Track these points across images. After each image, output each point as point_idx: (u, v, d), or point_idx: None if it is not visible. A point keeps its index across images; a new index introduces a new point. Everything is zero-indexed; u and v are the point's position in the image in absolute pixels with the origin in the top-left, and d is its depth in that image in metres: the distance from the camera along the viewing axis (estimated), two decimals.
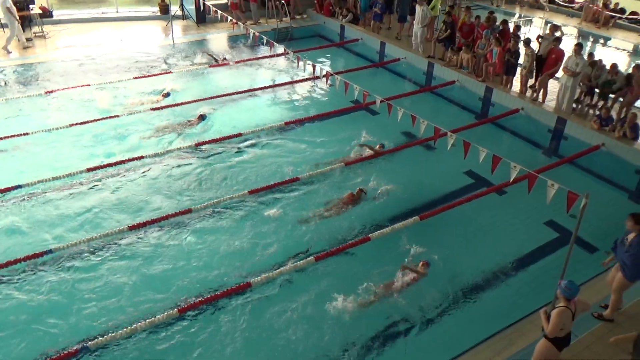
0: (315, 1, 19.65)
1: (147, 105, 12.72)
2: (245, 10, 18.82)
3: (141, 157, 10.52)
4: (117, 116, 12.04)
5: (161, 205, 9.33)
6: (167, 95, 13.42)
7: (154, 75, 14.54)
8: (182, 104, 12.94)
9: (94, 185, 9.76)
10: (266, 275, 7.75)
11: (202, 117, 12.40)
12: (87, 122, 11.69)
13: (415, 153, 11.46)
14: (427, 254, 8.37)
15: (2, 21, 16.03)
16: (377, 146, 11.28)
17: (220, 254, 8.35)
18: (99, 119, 11.85)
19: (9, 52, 15.42)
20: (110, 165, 10.23)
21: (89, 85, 13.60)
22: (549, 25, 15.87)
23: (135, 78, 14.20)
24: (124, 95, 13.36)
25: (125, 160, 10.40)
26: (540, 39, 13.86)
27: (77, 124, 11.57)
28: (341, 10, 18.76)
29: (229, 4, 18.44)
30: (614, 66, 12.32)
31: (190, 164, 10.59)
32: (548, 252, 8.84)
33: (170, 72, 14.80)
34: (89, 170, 10.03)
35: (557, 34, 13.60)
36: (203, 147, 11.14)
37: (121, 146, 11.10)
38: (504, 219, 9.56)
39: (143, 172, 10.25)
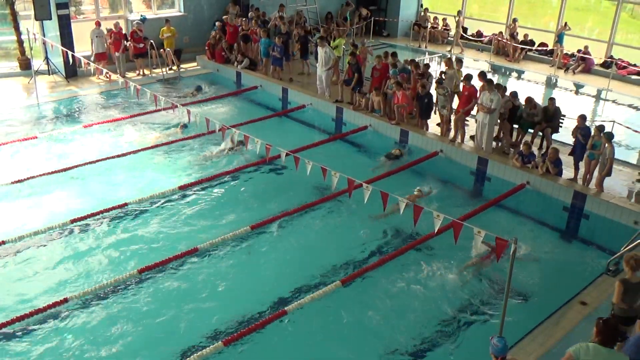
0: (206, 47, 19.91)
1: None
2: (116, 62, 18.65)
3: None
4: None
5: None
6: (185, 126, 14.93)
7: (15, 141, 13.90)
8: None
9: None
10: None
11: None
12: None
13: (329, 207, 11.65)
14: (355, 324, 8.43)
15: None
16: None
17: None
18: None
19: None
20: None
21: None
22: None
23: None
24: None
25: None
26: (443, 75, 14.75)
27: None
28: (236, 56, 19.12)
29: (92, 56, 18.25)
30: (530, 100, 13.27)
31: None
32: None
33: (35, 137, 14.22)
34: None
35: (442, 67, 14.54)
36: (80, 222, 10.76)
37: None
38: (434, 273, 9.77)
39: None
